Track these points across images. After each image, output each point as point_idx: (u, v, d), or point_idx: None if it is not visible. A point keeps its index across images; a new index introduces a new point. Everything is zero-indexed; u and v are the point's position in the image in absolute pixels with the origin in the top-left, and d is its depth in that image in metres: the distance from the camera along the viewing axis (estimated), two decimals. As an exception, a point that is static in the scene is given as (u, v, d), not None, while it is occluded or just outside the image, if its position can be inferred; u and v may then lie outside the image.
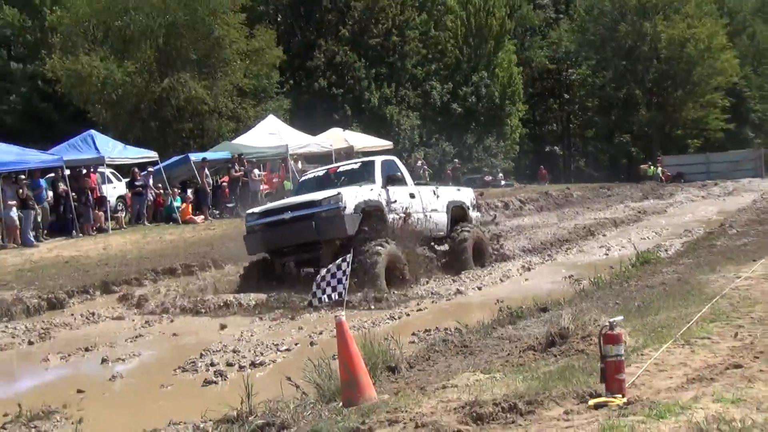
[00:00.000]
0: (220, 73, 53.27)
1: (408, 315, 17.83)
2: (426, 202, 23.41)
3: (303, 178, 26.03)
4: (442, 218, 24.11)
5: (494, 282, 22.05)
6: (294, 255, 21.16)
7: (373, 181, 21.92)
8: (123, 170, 40.34)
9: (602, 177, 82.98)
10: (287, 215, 20.72)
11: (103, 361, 15.11)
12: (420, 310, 18.37)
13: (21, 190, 31.61)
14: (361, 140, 52.96)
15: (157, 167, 39.48)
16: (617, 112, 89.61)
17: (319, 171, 25.45)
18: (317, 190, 21.87)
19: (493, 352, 11.78)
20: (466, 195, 26.40)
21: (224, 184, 41.26)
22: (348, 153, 48.60)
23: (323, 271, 11.31)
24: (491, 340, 12.86)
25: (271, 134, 46.14)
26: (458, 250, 23.56)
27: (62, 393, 12.74)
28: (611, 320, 8.07)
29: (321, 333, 15.89)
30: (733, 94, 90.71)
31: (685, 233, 30.05)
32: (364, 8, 68.39)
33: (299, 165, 46.28)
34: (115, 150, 38.11)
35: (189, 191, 40.22)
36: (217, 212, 39.73)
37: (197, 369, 13.85)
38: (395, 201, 21.90)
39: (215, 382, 12.97)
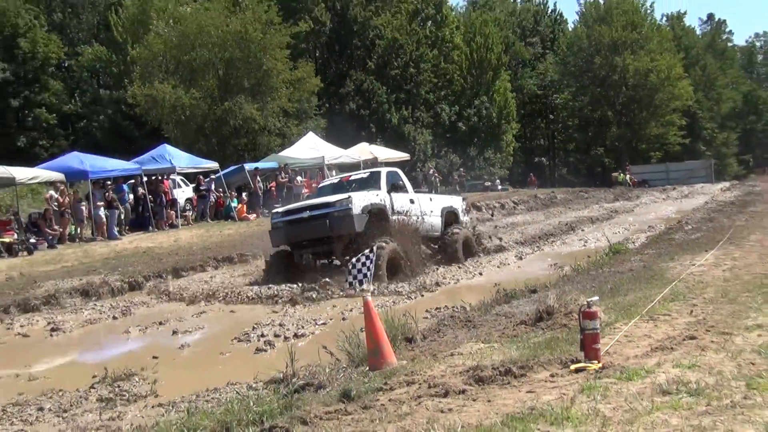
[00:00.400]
0: (269, 98, 53.29)
1: (422, 296, 17.81)
2: (423, 207, 23.14)
3: (321, 184, 25.93)
4: (437, 221, 23.79)
5: (493, 269, 22.04)
6: (311, 247, 21.02)
7: (379, 188, 21.84)
8: (190, 177, 40.44)
9: (581, 183, 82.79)
10: (305, 214, 20.66)
11: (174, 332, 15.14)
12: (431, 291, 18.35)
13: (107, 193, 31.76)
14: (384, 153, 52.94)
15: (217, 175, 39.64)
16: (593, 129, 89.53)
17: (335, 179, 25.49)
18: (333, 194, 21.79)
19: (491, 326, 11.75)
20: (457, 202, 26.01)
21: (272, 188, 41.32)
22: (373, 163, 48.63)
23: (354, 260, 11.36)
24: (490, 316, 12.82)
25: (310, 148, 46.22)
26: (450, 247, 23.16)
27: (140, 359, 12.77)
28: (589, 300, 8.06)
29: (351, 310, 15.87)
30: (688, 115, 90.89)
31: (649, 229, 29.93)
32: (386, 46, 68.80)
33: (333, 173, 46.37)
34: (183, 160, 38.28)
35: (244, 194, 40.37)
36: (267, 211, 39.75)
37: (250, 339, 13.85)
38: (397, 205, 21.70)
39: (265, 350, 12.97)
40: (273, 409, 7.40)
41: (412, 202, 22.55)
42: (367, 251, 11.38)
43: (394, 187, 22.05)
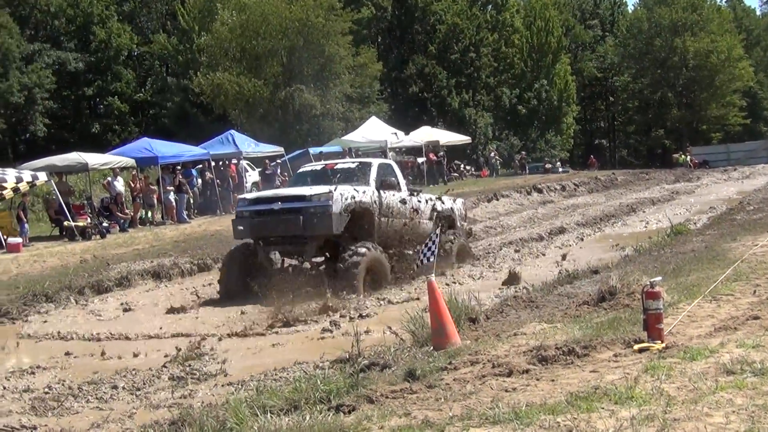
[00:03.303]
0: (332, 84, 53.51)
1: (488, 274, 17.83)
2: (416, 209, 19.52)
3: (300, 170, 21.42)
4: (430, 226, 19.54)
5: (554, 250, 21.91)
6: (279, 245, 17.68)
7: (367, 183, 18.16)
8: (256, 162, 40.71)
9: (641, 164, 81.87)
10: (277, 205, 17.19)
11: (242, 313, 15.27)
12: (496, 272, 18.31)
13: (176, 178, 32.10)
14: (445, 136, 52.94)
15: (282, 159, 39.82)
16: (653, 111, 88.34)
17: (317, 165, 21.43)
18: (313, 184, 18.19)
19: (554, 306, 11.71)
20: (456, 205, 21.89)
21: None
22: (435, 146, 48.61)
23: (428, 241, 11.51)
24: (553, 296, 12.78)
25: (373, 132, 46.31)
26: (443, 256, 18.37)
27: (210, 339, 12.90)
28: (652, 280, 7.98)
29: (415, 290, 15.90)
30: (749, 96, 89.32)
31: (711, 209, 29.56)
32: (447, 30, 68.60)
33: (395, 156, 46.52)
34: (249, 146, 38.57)
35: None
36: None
37: (317, 320, 13.95)
38: (386, 205, 18.23)
39: (331, 330, 13.04)
40: (340, 388, 7.43)
41: (403, 202, 18.99)
42: (433, 233, 11.43)
43: (385, 184, 18.40)
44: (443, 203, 20.89)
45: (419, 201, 19.80)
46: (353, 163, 20.76)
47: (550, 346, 7.82)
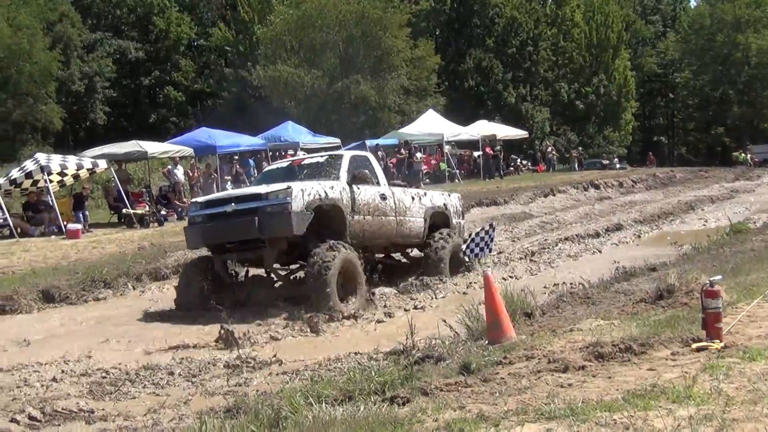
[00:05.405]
0: (389, 76, 53.61)
1: (544, 269, 17.76)
2: (400, 206, 17.23)
3: (267, 169, 19.89)
4: (418, 224, 17.70)
5: (611, 246, 21.76)
6: (236, 252, 15.54)
7: (337, 178, 16.01)
8: (313, 152, 40.89)
9: (700, 162, 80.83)
10: (230, 207, 14.99)
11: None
12: (553, 267, 18.24)
13: (234, 168, 32.36)
14: (502, 130, 52.71)
15: (339, 151, 39.96)
16: (714, 108, 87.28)
17: (284, 162, 19.95)
18: (280, 181, 15.88)
19: (611, 303, 11.63)
20: (450, 201, 19.40)
21: (392, 164, 41.46)
22: (492, 140, 48.42)
23: (473, 234, 11.37)
24: (609, 293, 12.69)
25: (430, 125, 46.30)
26: (434, 258, 17.37)
27: (264, 326, 13.01)
28: (711, 279, 7.90)
29: (470, 284, 15.88)
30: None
31: (771, 209, 29.16)
32: (505, 24, 68.55)
33: (452, 149, 46.53)
34: (306, 137, 38.78)
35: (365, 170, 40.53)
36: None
37: (374, 311, 14.05)
38: (361, 201, 16.01)
39: (384, 321, 13.06)
40: (394, 380, 7.44)
41: (384, 198, 16.79)
42: (486, 226, 11.32)
43: (358, 177, 16.13)
44: (434, 199, 18.72)
45: (404, 196, 17.61)
46: (323, 157, 18.19)
47: (607, 343, 7.76)
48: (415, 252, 18.73)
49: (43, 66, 48.68)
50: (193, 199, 19.26)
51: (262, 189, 15.22)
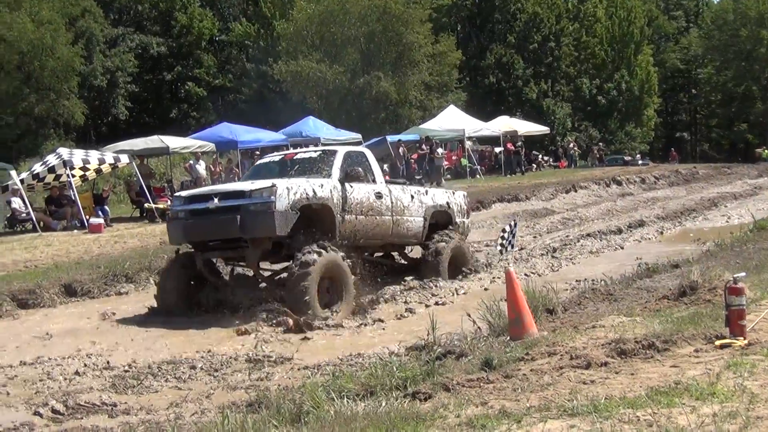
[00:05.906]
0: (410, 72, 53.61)
1: (566, 266, 17.73)
2: (397, 205, 16.38)
3: (258, 162, 19.05)
4: (416, 223, 16.89)
5: (633, 243, 21.69)
6: (218, 251, 14.91)
7: (329, 175, 15.22)
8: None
9: (723, 159, 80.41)
10: (212, 204, 14.13)
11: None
12: (575, 263, 18.20)
13: (255, 163, 32.43)
14: (524, 126, 52.60)
15: (360, 147, 39.98)
16: (737, 104, 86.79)
17: (276, 156, 18.55)
18: (270, 177, 15.23)
19: (633, 300, 11.59)
20: (454, 199, 18.45)
21: (413, 160, 41.44)
22: (513, 136, 48.32)
23: (507, 227, 11.43)
24: (632, 289, 12.65)
25: (451, 120, 46.29)
26: (431, 260, 16.77)
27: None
28: (735, 276, 7.88)
29: (492, 281, 15.87)
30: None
31: (795, 206, 28.98)
32: (527, 20, 68.47)
33: (473, 145, 46.50)
34: (327, 132, 38.79)
35: (385, 165, 40.56)
36: (408, 182, 39.92)
37: (396, 302, 14.24)
38: (353, 200, 15.18)
39: (406, 317, 13.09)
40: (416, 375, 7.46)
41: (379, 196, 15.95)
42: (511, 222, 11.36)
43: (351, 175, 15.28)
44: (436, 197, 17.89)
45: (402, 195, 16.74)
46: (316, 152, 17.51)
47: (630, 340, 7.74)
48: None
49: (65, 61, 48.78)
50: (176, 193, 18.51)
51: (247, 186, 14.57)
